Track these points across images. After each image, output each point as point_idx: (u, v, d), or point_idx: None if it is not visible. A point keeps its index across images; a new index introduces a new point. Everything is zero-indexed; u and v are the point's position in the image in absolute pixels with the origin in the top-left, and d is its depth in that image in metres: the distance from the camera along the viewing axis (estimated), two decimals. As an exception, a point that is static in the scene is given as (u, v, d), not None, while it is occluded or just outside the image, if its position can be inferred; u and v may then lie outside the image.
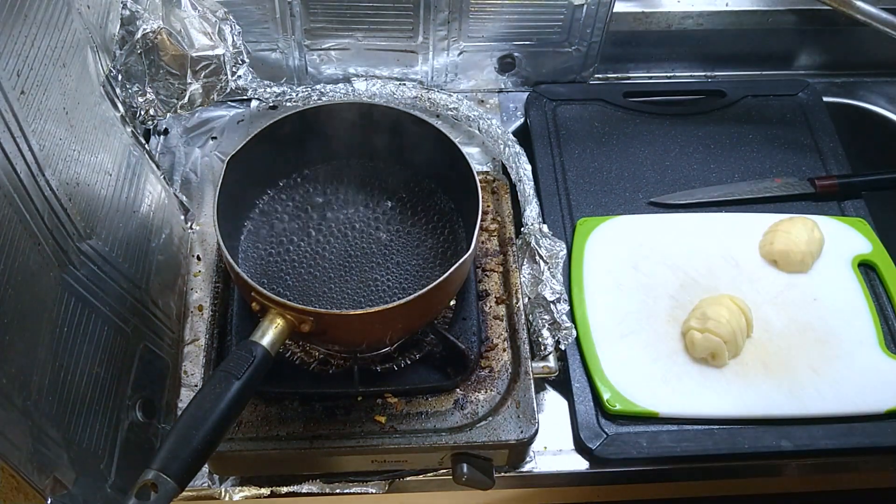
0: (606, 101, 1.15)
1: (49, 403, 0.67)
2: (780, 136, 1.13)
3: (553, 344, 0.87)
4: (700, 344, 0.88)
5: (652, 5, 1.14)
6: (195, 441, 0.62)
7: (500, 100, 1.18)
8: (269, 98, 1.09)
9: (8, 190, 0.62)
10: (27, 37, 0.65)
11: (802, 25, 1.17)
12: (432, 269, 0.85)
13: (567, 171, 1.07)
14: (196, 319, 0.93)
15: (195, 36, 0.93)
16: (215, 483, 0.83)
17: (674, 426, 0.86)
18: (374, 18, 1.07)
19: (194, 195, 1.03)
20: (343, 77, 1.14)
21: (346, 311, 0.78)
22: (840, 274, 0.97)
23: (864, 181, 1.07)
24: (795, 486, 0.96)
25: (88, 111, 0.77)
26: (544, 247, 0.91)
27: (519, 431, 0.80)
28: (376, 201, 0.91)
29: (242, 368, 0.66)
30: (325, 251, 0.86)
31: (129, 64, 0.89)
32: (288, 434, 0.79)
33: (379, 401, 0.82)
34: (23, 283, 0.63)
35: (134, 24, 0.88)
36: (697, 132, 1.13)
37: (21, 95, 0.63)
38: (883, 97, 1.21)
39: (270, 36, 1.09)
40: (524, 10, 1.07)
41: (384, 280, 0.84)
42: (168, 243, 0.93)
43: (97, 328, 0.76)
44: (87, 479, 0.71)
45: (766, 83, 1.20)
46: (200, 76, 0.95)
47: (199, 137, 1.10)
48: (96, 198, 0.77)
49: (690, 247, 0.99)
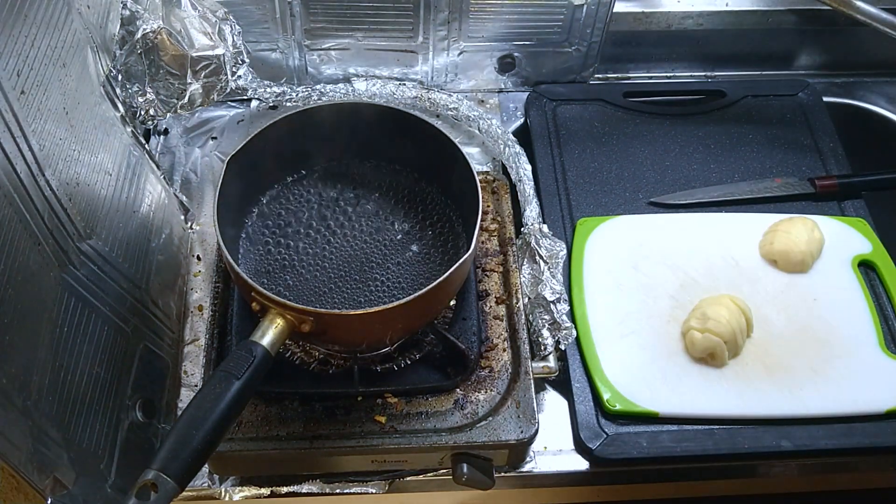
0: (606, 101, 1.15)
1: (49, 403, 0.67)
2: (780, 136, 1.13)
3: (553, 344, 0.86)
4: (700, 344, 0.88)
5: (652, 5, 1.15)
6: (195, 441, 0.62)
7: (500, 100, 1.18)
8: (269, 98, 1.09)
9: (8, 190, 0.62)
10: (27, 37, 0.65)
11: (802, 25, 1.17)
12: (432, 270, 0.85)
13: (567, 171, 1.07)
14: (196, 319, 0.93)
15: (195, 36, 0.93)
16: (215, 483, 0.83)
17: (674, 426, 0.86)
18: (374, 18, 1.07)
19: (194, 195, 1.03)
20: (343, 77, 1.14)
21: (346, 311, 0.78)
22: (840, 274, 0.97)
23: (864, 181, 1.07)
24: (795, 486, 0.96)
25: (88, 111, 0.77)
26: (544, 247, 0.91)
27: (519, 431, 0.80)
28: (376, 201, 0.91)
29: (242, 368, 0.66)
30: (326, 251, 0.86)
31: (129, 64, 0.89)
32: (288, 434, 0.79)
33: (379, 401, 0.82)
34: (23, 283, 0.63)
35: (134, 23, 0.88)
36: (697, 132, 1.13)
37: (21, 95, 0.63)
38: (883, 97, 1.21)
39: (270, 36, 1.09)
40: (524, 10, 1.07)
41: (384, 280, 0.84)
42: (168, 243, 0.93)
43: (97, 328, 0.76)
44: (87, 479, 0.71)
45: (766, 83, 1.20)
46: (200, 76, 0.95)
47: (199, 137, 1.10)
48: (96, 198, 0.77)
49: (690, 247, 0.99)
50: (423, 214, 0.90)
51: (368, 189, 0.92)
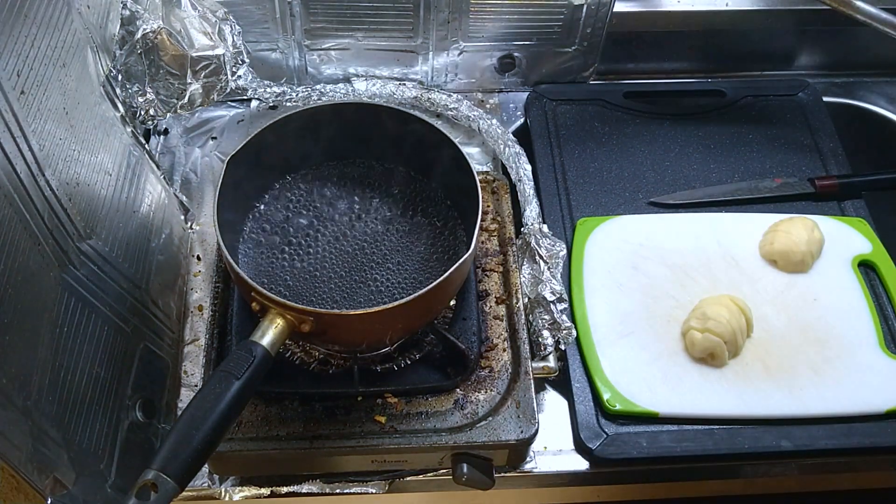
0: (606, 102, 1.15)
1: (49, 403, 0.67)
2: (780, 136, 1.13)
3: (553, 344, 0.86)
4: (700, 344, 0.88)
5: (652, 5, 1.14)
6: (195, 441, 0.62)
7: (500, 100, 1.18)
8: (269, 98, 1.09)
9: (8, 190, 0.62)
10: (27, 37, 0.65)
11: (802, 25, 1.17)
12: (432, 269, 0.85)
13: (567, 171, 1.07)
14: (196, 319, 0.93)
15: (195, 36, 0.93)
16: (215, 483, 0.83)
17: (674, 426, 0.86)
18: (374, 18, 1.07)
19: (194, 195, 1.03)
20: (343, 77, 1.14)
21: (346, 311, 0.78)
22: (840, 274, 0.97)
23: (864, 181, 1.07)
24: (795, 486, 0.96)
25: (88, 111, 0.77)
26: (544, 247, 0.91)
27: (519, 431, 0.80)
28: (376, 201, 0.91)
29: (242, 368, 0.66)
30: (325, 251, 0.86)
31: (129, 64, 0.89)
32: (288, 434, 0.79)
33: (379, 401, 0.82)
34: (23, 283, 0.63)
35: (134, 24, 0.88)
36: (697, 132, 1.13)
37: (21, 95, 0.63)
38: (883, 97, 1.21)
39: (270, 36, 1.08)
40: (524, 9, 1.07)
41: (384, 280, 0.84)
42: (168, 243, 0.93)
43: (97, 328, 0.76)
44: (87, 478, 0.71)
45: (766, 83, 1.20)
46: (200, 76, 0.95)
47: (199, 137, 1.10)
48: (96, 198, 0.77)
49: (690, 247, 0.99)
50: (423, 214, 0.90)
51: (368, 189, 0.92)
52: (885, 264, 0.98)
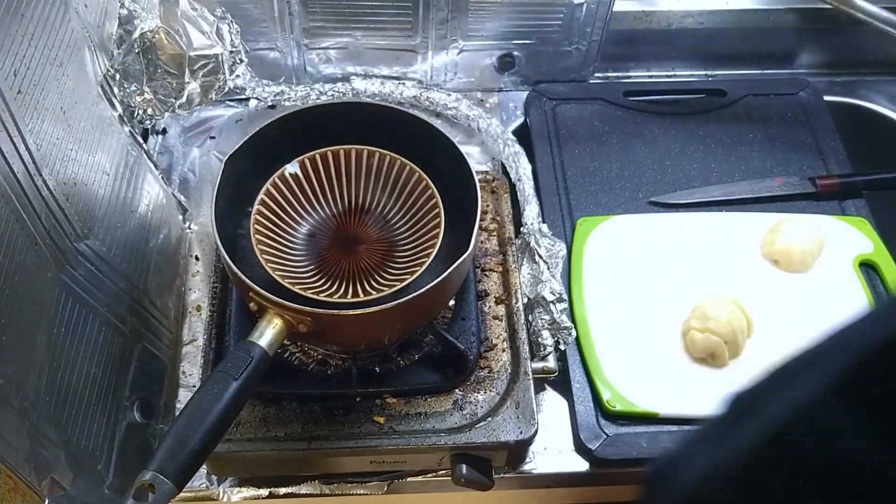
0: (606, 101, 1.15)
1: (46, 404, 0.67)
2: (781, 135, 1.12)
3: (553, 344, 0.86)
4: (700, 344, 0.88)
5: (652, 4, 1.14)
6: (193, 442, 0.62)
7: (499, 99, 1.18)
8: (268, 97, 1.09)
9: (5, 190, 0.62)
10: (24, 36, 0.65)
11: (803, 24, 1.17)
12: (431, 269, 0.85)
13: (567, 171, 1.07)
14: (194, 320, 0.93)
15: (193, 35, 0.93)
16: (213, 484, 0.83)
17: (674, 426, 0.86)
18: (373, 17, 1.06)
19: (192, 195, 1.03)
20: (342, 76, 1.14)
21: (344, 311, 0.78)
22: (841, 274, 0.97)
23: (866, 180, 1.07)
24: (796, 486, 0.95)
25: (86, 111, 0.77)
26: (544, 246, 0.90)
27: (518, 432, 0.80)
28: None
29: (240, 369, 0.66)
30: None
31: (127, 63, 0.89)
32: (286, 435, 0.79)
33: (378, 401, 0.81)
34: (20, 283, 0.63)
35: (132, 23, 0.88)
36: (697, 131, 1.12)
37: (18, 95, 0.63)
38: (884, 96, 1.21)
39: (269, 35, 1.08)
40: (524, 8, 1.07)
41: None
42: (166, 243, 0.92)
43: (95, 328, 0.75)
44: (85, 479, 0.71)
45: (767, 82, 1.19)
46: (198, 75, 0.95)
47: (198, 137, 1.10)
48: (94, 198, 0.77)
49: (690, 247, 0.99)
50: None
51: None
52: (886, 264, 0.98)
